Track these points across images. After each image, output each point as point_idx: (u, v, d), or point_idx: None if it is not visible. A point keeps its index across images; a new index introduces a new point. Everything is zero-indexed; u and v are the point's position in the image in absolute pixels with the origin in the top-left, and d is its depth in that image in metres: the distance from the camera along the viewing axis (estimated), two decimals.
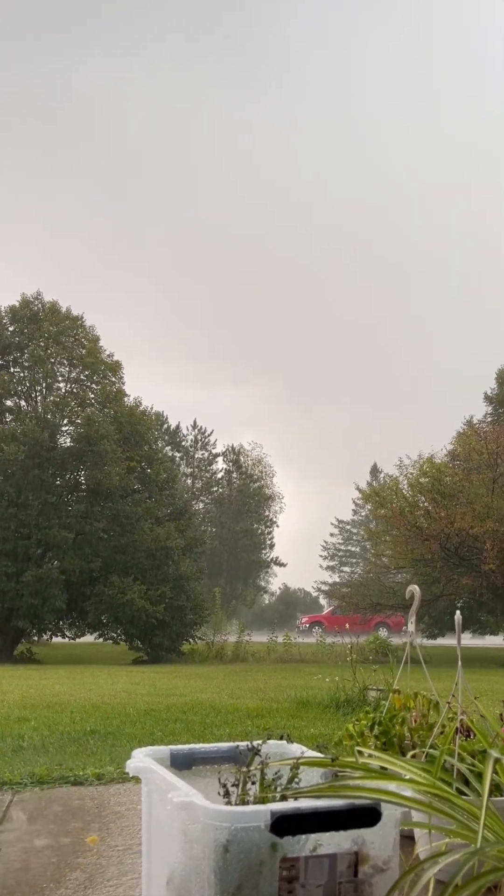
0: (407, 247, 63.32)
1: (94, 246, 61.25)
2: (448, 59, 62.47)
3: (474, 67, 63.50)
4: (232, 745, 1.86)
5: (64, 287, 49.78)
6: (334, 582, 37.17)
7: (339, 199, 63.30)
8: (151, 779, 1.66)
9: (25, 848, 2.27)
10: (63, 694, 7.27)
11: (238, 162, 60.24)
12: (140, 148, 58.20)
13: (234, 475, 43.97)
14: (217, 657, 17.31)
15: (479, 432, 19.38)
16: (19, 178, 57.76)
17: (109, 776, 3.23)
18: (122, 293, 61.97)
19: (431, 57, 60.76)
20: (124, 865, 2.10)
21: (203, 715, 5.42)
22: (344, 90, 61.73)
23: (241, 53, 58.93)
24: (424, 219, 63.08)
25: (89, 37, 54.68)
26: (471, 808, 1.54)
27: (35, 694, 7.23)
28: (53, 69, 54.46)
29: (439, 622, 22.21)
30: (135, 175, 60.40)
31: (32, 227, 58.99)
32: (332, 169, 62.72)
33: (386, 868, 1.43)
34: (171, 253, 62.58)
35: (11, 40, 50.19)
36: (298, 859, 1.36)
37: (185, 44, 55.48)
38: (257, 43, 59.20)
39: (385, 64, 61.59)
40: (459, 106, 62.21)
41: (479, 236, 63.51)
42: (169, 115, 57.26)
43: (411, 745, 2.38)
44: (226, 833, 1.31)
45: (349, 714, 5.19)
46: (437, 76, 61.65)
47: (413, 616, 2.44)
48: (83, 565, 17.78)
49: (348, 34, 59.31)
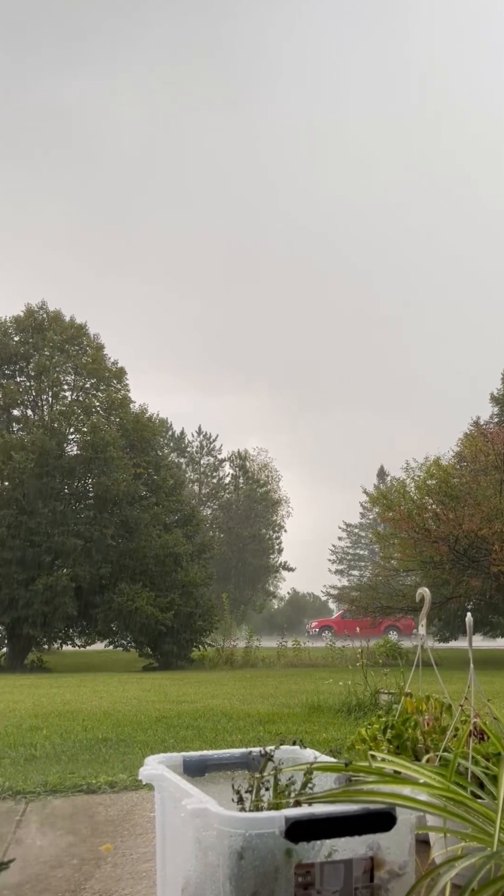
0: (412, 248, 63.38)
1: (88, 261, 61.48)
2: (447, 55, 62.57)
3: (474, 61, 63.57)
4: (245, 751, 1.85)
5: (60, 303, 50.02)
6: (343, 586, 37.05)
7: (342, 200, 63.41)
8: (164, 786, 1.66)
9: (40, 857, 2.27)
10: (74, 702, 7.27)
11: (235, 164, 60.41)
12: (130, 160, 58.47)
13: (240, 480, 43.95)
14: (227, 663, 17.28)
15: (486, 433, 19.32)
16: (9, 196, 58.10)
17: (122, 784, 3.23)
18: (118, 306, 62.20)
19: (431, 56, 60.85)
20: (139, 873, 2.09)
21: (214, 721, 5.41)
22: (327, 100, 61.94)
23: (228, 64, 59.21)
24: (430, 219, 63.12)
25: (76, 55, 55.08)
26: (486, 811, 1.53)
27: (46, 702, 7.23)
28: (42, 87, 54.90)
29: (450, 625, 22.12)
30: (125, 188, 60.78)
31: (25, 243, 59.31)
32: (333, 169, 62.85)
33: (402, 873, 1.42)
34: (167, 263, 62.85)
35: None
36: (314, 865, 1.35)
37: (172, 57, 55.79)
38: (244, 53, 59.53)
39: (382, 65, 61.72)
40: (459, 104, 62.28)
41: (485, 236, 63.49)
42: (158, 127, 57.57)
43: (424, 749, 2.37)
44: (240, 840, 1.31)
45: (361, 718, 5.17)
46: (437, 77, 61.75)
47: (423, 619, 2.43)
48: (92, 572, 17.80)
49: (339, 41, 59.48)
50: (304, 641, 18.81)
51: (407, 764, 1.68)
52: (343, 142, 60.42)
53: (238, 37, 57.74)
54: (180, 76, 57.42)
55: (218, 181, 61.24)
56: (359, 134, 59.85)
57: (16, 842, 2.44)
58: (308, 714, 5.81)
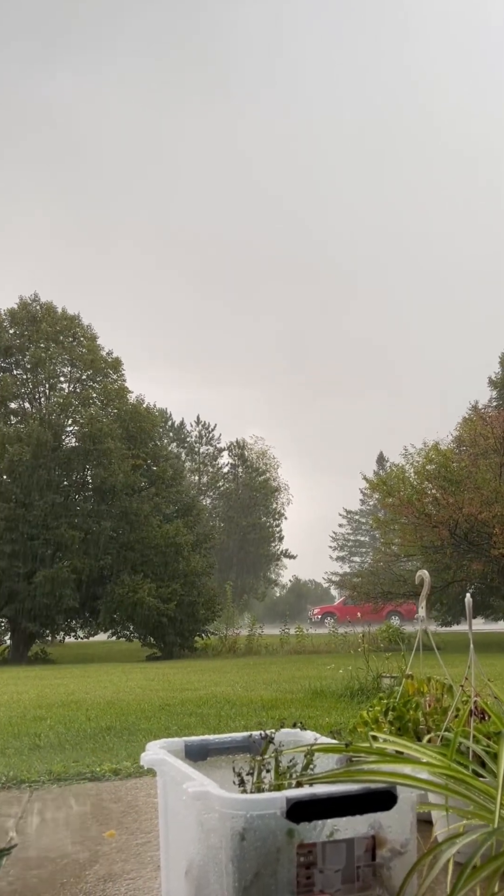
0: (409, 232, 63.10)
1: (81, 253, 61.23)
2: (447, 57, 62.07)
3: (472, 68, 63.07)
4: (245, 735, 1.85)
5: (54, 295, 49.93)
6: (345, 572, 37.13)
7: (336, 189, 63.09)
8: (166, 770, 1.66)
9: (45, 844, 2.28)
10: (78, 692, 7.29)
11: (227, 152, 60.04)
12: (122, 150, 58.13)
13: (239, 469, 43.96)
14: (230, 651, 17.34)
15: (485, 417, 19.31)
16: None
17: (126, 771, 3.24)
18: (112, 298, 62.01)
19: (429, 55, 60.37)
20: (143, 858, 2.10)
21: (218, 708, 5.43)
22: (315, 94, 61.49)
23: (213, 56, 58.75)
24: (427, 202, 62.86)
25: (59, 53, 54.70)
26: (487, 788, 1.53)
27: (50, 693, 7.26)
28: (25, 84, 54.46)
29: (452, 609, 22.16)
30: (116, 179, 60.50)
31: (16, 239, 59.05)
32: (331, 160, 62.47)
33: (404, 851, 1.42)
34: (162, 254, 62.63)
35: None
36: (315, 845, 1.35)
37: (158, 48, 55.32)
38: (230, 45, 59.08)
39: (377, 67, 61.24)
40: (459, 103, 61.85)
41: (482, 220, 63.21)
42: (143, 122, 57.18)
43: (426, 730, 2.37)
44: (242, 821, 1.31)
45: (363, 702, 5.19)
46: (436, 76, 61.28)
47: (423, 601, 2.43)
48: (93, 564, 17.82)
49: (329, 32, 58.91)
50: (306, 628, 18.86)
51: (408, 744, 1.68)
52: (341, 137, 60.11)
53: (225, 29, 57.33)
54: (166, 67, 57.02)
55: (207, 171, 60.91)
56: (353, 129, 59.52)
57: (20, 830, 2.45)
58: (311, 699, 5.83)
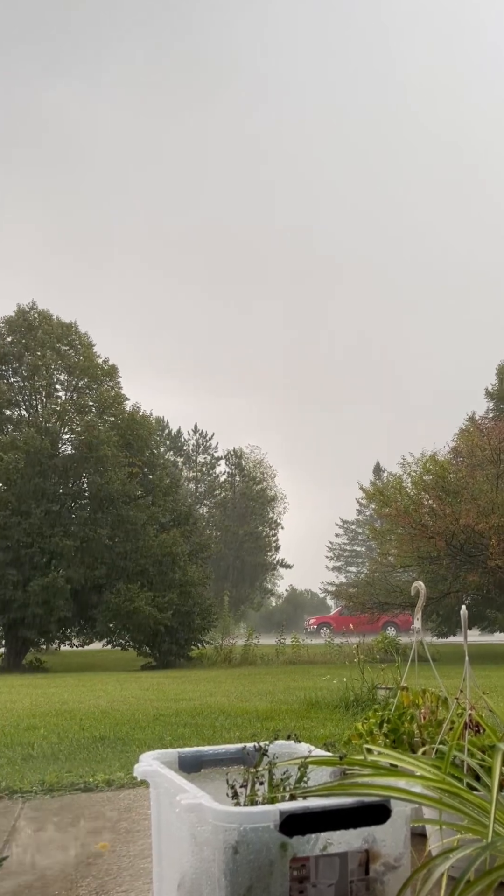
0: (407, 243, 63.39)
1: (77, 261, 61.43)
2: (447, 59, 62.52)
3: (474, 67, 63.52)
4: (239, 747, 1.85)
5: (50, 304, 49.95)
6: (341, 582, 37.10)
7: (335, 195, 63.37)
8: (160, 782, 1.65)
9: (36, 856, 2.26)
10: (72, 701, 7.25)
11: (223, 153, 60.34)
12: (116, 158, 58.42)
13: (236, 478, 43.94)
14: (225, 661, 17.26)
15: (482, 428, 19.35)
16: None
17: (119, 782, 3.22)
18: (109, 306, 62.14)
19: (430, 53, 60.81)
20: (136, 870, 2.09)
21: (212, 718, 5.40)
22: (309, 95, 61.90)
23: (206, 59, 59.18)
24: (425, 213, 63.16)
25: (53, 61, 55.09)
26: (481, 802, 1.53)
27: (44, 702, 7.22)
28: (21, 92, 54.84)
29: (448, 620, 22.16)
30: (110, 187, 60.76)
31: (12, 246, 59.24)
32: (332, 163, 62.78)
33: (397, 865, 1.42)
34: (159, 262, 62.82)
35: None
36: (309, 859, 1.35)
37: (148, 59, 55.76)
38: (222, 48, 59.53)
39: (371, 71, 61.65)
40: (457, 103, 62.25)
41: (480, 230, 63.52)
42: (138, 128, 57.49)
43: (420, 742, 2.36)
44: (235, 834, 1.30)
45: (358, 714, 5.17)
46: (436, 76, 61.73)
47: (419, 612, 2.43)
48: (88, 573, 17.76)
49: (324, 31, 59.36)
50: (302, 638, 18.80)
51: (402, 756, 1.67)
52: (337, 140, 60.40)
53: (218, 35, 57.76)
54: (160, 73, 57.41)
55: (203, 177, 61.24)
56: (350, 126, 59.81)
57: (12, 841, 2.44)
58: (306, 710, 5.81)
